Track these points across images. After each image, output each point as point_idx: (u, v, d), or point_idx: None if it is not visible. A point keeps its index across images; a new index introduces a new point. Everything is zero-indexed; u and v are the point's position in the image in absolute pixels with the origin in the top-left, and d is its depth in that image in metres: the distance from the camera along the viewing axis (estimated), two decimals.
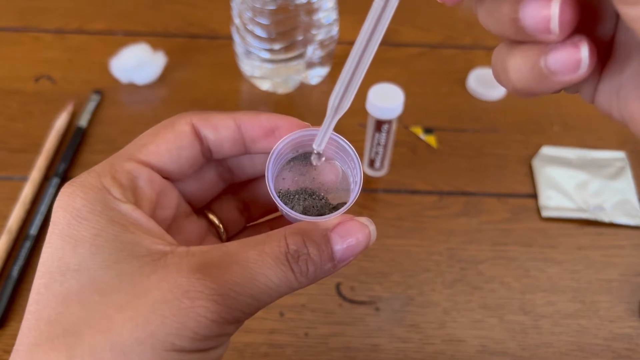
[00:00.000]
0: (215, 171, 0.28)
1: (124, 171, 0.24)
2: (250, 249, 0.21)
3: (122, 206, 0.22)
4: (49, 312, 0.21)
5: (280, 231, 0.22)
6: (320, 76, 0.61)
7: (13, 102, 0.58)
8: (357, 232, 0.23)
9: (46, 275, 0.21)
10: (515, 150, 0.55)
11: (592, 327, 0.44)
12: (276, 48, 0.55)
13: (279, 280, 0.21)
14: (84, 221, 0.22)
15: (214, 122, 0.25)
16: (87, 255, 0.21)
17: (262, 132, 0.26)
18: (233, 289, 0.20)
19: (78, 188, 0.22)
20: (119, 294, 0.20)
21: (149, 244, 0.22)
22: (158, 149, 0.25)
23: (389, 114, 0.46)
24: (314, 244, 0.22)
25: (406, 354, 0.42)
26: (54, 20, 0.67)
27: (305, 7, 0.53)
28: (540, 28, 0.18)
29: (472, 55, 0.65)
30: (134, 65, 0.58)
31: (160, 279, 0.20)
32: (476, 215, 0.50)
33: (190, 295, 0.20)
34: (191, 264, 0.21)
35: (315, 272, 0.22)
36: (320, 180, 0.26)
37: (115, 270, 0.21)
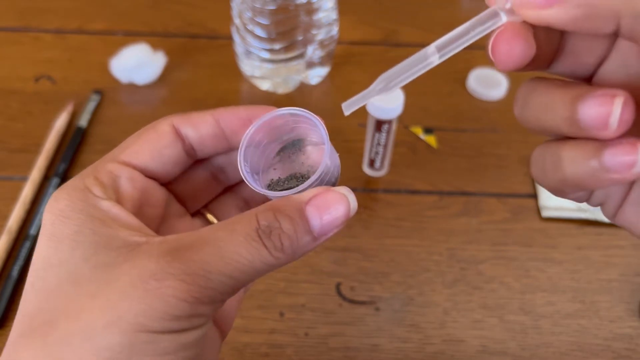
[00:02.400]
0: (207, 172, 0.29)
1: (105, 171, 0.25)
2: (221, 230, 0.22)
3: (102, 203, 0.23)
4: (31, 307, 0.22)
5: (252, 211, 0.22)
6: (320, 76, 0.61)
7: (13, 102, 0.58)
8: (335, 203, 0.22)
9: (32, 274, 0.23)
10: (515, 150, 0.55)
11: (592, 327, 0.44)
12: (276, 48, 0.55)
13: (251, 256, 0.21)
14: (66, 219, 0.22)
15: (194, 120, 0.26)
16: (67, 251, 0.22)
17: (240, 124, 0.27)
18: (203, 267, 0.20)
19: (63, 191, 0.23)
20: (92, 283, 0.21)
21: (126, 236, 0.22)
22: (139, 149, 0.26)
23: (389, 114, 0.46)
24: (286, 218, 0.22)
25: (406, 354, 0.42)
26: (54, 20, 0.67)
27: (305, 7, 0.53)
28: (598, 125, 0.18)
29: (472, 55, 0.65)
30: (134, 65, 0.58)
31: (130, 266, 0.21)
32: (476, 215, 0.50)
33: (157, 277, 0.20)
34: (163, 249, 0.21)
35: (292, 247, 0.22)
36: (309, 164, 0.27)
37: (91, 262, 0.22)
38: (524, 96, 0.23)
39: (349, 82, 0.61)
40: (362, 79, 0.61)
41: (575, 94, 0.19)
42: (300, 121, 0.26)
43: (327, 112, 0.59)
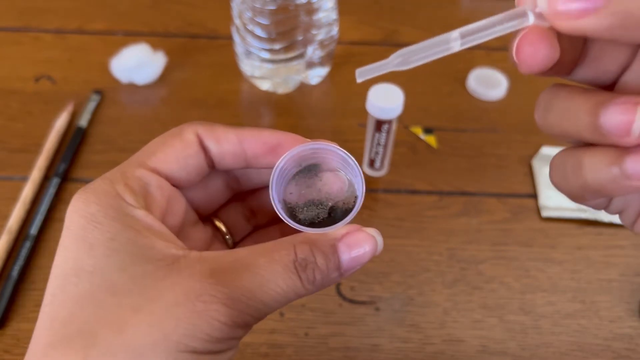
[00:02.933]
0: (222, 180, 0.29)
1: (135, 178, 0.24)
2: (260, 256, 0.22)
3: (135, 211, 0.23)
4: (63, 312, 0.21)
5: (289, 239, 0.23)
6: (320, 76, 0.61)
7: (13, 102, 0.58)
8: (364, 243, 0.24)
9: (60, 277, 0.22)
10: (515, 150, 0.55)
11: (592, 327, 0.44)
12: (276, 48, 0.55)
13: (287, 287, 0.22)
14: (99, 225, 0.22)
15: (218, 134, 0.26)
16: (101, 258, 0.22)
17: (264, 149, 0.26)
18: (244, 294, 0.21)
19: (92, 194, 0.23)
20: (132, 295, 0.21)
21: (162, 248, 0.22)
22: (166, 157, 0.25)
23: (389, 114, 0.46)
24: (321, 253, 0.23)
25: (406, 354, 0.42)
26: (54, 20, 0.67)
27: (305, 7, 0.53)
28: (621, 132, 0.18)
29: (472, 55, 0.65)
30: (134, 65, 0.58)
31: (173, 283, 0.21)
32: (476, 215, 0.50)
33: (203, 299, 0.21)
34: (204, 268, 0.22)
35: (322, 280, 0.23)
36: (326, 191, 0.27)
37: (129, 273, 0.21)
38: (546, 102, 0.23)
39: (349, 82, 0.61)
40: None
41: (598, 101, 0.19)
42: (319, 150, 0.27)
43: (327, 112, 0.59)
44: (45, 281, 0.47)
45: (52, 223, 0.48)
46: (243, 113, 0.59)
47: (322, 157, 0.27)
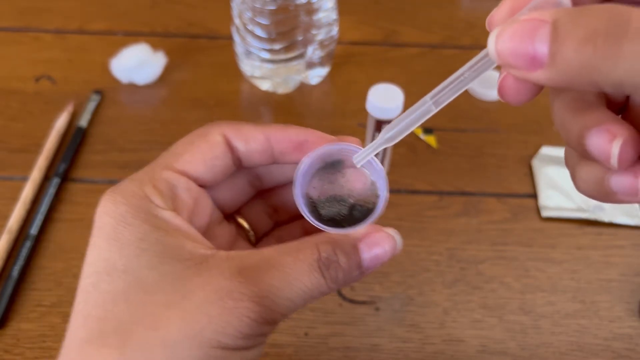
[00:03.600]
0: (245, 178, 0.30)
1: (163, 180, 0.25)
2: (285, 255, 0.23)
3: (164, 213, 0.24)
4: (97, 310, 0.22)
5: (312, 239, 0.24)
6: (320, 76, 0.61)
7: (13, 102, 0.58)
8: (384, 243, 0.24)
9: (93, 275, 0.23)
10: (515, 150, 0.55)
11: (592, 327, 0.44)
12: (276, 48, 0.55)
13: (312, 284, 0.23)
14: (129, 226, 0.23)
15: (245, 133, 0.27)
16: (132, 257, 0.22)
17: (291, 146, 0.27)
18: (272, 291, 0.22)
19: (120, 195, 0.24)
20: (164, 293, 0.22)
21: (191, 248, 0.23)
22: (193, 158, 0.26)
23: (389, 114, 0.46)
24: (343, 253, 0.24)
25: (406, 353, 0.42)
26: (54, 20, 0.67)
27: (305, 7, 0.53)
28: (603, 158, 0.19)
29: (472, 55, 0.64)
30: (134, 65, 0.58)
31: (204, 281, 0.22)
32: (476, 215, 0.50)
33: (233, 297, 0.21)
34: (232, 267, 0.22)
35: (344, 279, 0.24)
36: (348, 187, 0.27)
37: (159, 271, 0.22)
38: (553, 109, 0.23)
39: (349, 82, 0.61)
40: (362, 79, 0.61)
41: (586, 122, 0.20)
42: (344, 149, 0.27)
43: (327, 112, 0.59)
44: (45, 281, 0.48)
45: (52, 223, 0.48)
46: (243, 113, 0.59)
47: (346, 154, 0.28)
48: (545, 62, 0.18)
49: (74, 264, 0.46)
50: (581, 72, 0.18)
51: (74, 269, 0.45)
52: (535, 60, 0.18)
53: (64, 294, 0.44)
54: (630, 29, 0.17)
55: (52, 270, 0.45)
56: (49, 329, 0.42)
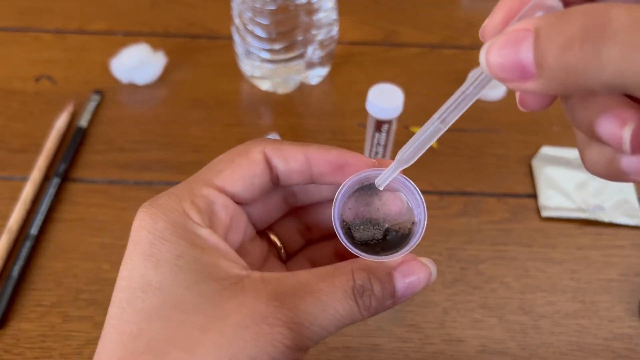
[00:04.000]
0: (281, 196, 0.30)
1: (202, 196, 0.25)
2: (321, 280, 0.23)
3: (201, 230, 0.24)
4: (131, 327, 0.22)
5: (347, 265, 0.24)
6: (320, 76, 0.61)
7: (13, 102, 0.58)
8: (419, 272, 0.24)
9: (127, 290, 0.23)
10: (515, 150, 0.55)
11: (592, 327, 0.44)
12: (276, 48, 0.55)
13: (346, 312, 0.23)
14: (167, 242, 0.23)
15: (285, 153, 0.27)
16: (168, 275, 0.22)
17: (331, 168, 0.27)
18: (307, 318, 0.22)
19: (159, 210, 0.24)
20: (200, 314, 0.22)
21: (227, 267, 0.23)
22: (233, 176, 0.26)
23: (389, 114, 0.46)
24: (378, 281, 0.23)
25: (406, 353, 0.42)
26: (54, 20, 0.67)
27: (305, 7, 0.53)
28: (614, 143, 0.19)
29: (472, 55, 0.65)
30: (134, 65, 0.58)
31: (239, 304, 0.22)
32: (476, 215, 0.50)
33: (269, 322, 0.21)
34: (268, 290, 0.22)
35: (377, 307, 0.24)
36: (384, 211, 0.27)
37: (195, 291, 0.22)
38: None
39: (349, 82, 0.61)
40: (362, 79, 0.61)
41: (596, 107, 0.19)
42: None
43: (327, 112, 0.59)
44: (45, 281, 0.47)
45: (52, 223, 0.48)
46: (243, 113, 0.59)
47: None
48: (533, 73, 0.18)
49: (74, 264, 0.46)
50: (568, 79, 0.17)
51: (74, 269, 0.45)
52: (524, 72, 0.18)
53: (64, 294, 0.44)
54: (608, 30, 0.16)
55: (52, 270, 0.45)
56: (48, 329, 0.42)
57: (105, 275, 0.45)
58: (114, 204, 0.50)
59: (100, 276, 0.45)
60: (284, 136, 0.55)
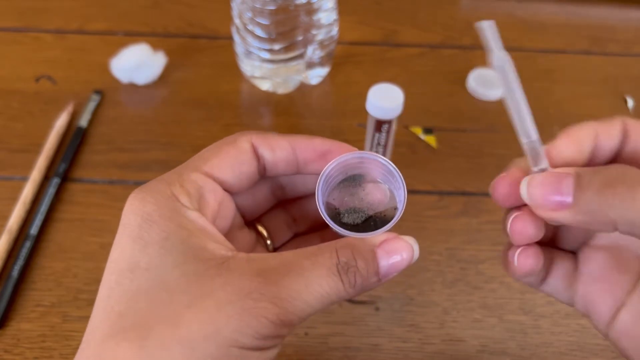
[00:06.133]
0: (269, 187, 0.31)
1: (191, 181, 0.26)
2: (304, 258, 0.23)
3: (189, 213, 0.24)
4: (119, 306, 0.22)
5: (332, 244, 0.24)
6: (320, 76, 0.61)
7: (13, 102, 0.58)
8: (402, 250, 0.25)
9: (116, 272, 0.23)
10: (515, 150, 0.55)
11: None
12: (276, 48, 0.55)
13: (330, 288, 0.23)
14: (154, 224, 0.23)
15: (272, 143, 0.28)
16: (156, 256, 0.23)
17: (315, 155, 0.28)
18: (290, 293, 0.22)
19: (148, 194, 0.24)
20: (185, 293, 0.22)
21: (213, 249, 0.24)
22: (221, 163, 0.27)
23: (389, 114, 0.46)
24: (362, 258, 0.24)
25: (406, 353, 0.42)
26: (54, 20, 0.67)
27: (305, 8, 0.53)
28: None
29: (472, 55, 0.65)
30: (135, 65, 0.58)
31: (224, 282, 0.22)
32: (476, 215, 0.50)
33: (253, 297, 0.22)
34: (252, 268, 0.23)
35: (362, 284, 0.24)
36: (368, 200, 0.28)
37: (182, 271, 0.23)
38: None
39: (349, 82, 0.61)
40: (362, 79, 0.61)
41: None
42: (366, 160, 0.28)
43: (327, 112, 0.59)
44: (45, 281, 0.48)
45: (52, 223, 0.48)
46: (243, 113, 0.59)
47: (367, 168, 0.28)
48: (569, 205, 0.23)
49: (73, 264, 0.46)
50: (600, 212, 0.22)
51: (74, 269, 0.45)
52: (561, 204, 0.24)
53: (64, 294, 0.44)
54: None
55: (52, 270, 0.45)
56: (48, 329, 0.42)
57: None
58: (114, 204, 0.50)
59: (100, 276, 0.44)
60: None
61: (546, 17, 0.71)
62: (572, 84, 0.62)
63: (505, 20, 0.70)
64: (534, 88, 0.60)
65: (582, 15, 0.71)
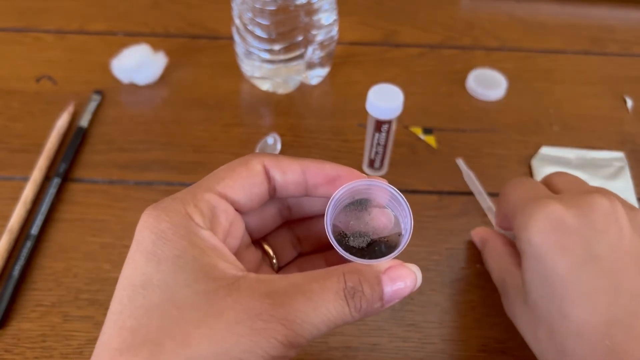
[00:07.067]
0: (276, 207, 0.31)
1: (204, 200, 0.26)
2: (313, 281, 0.24)
3: (202, 232, 0.25)
4: (131, 321, 0.23)
5: (339, 268, 0.25)
6: (320, 76, 0.61)
7: (14, 103, 0.58)
8: (406, 277, 0.25)
9: (129, 288, 0.24)
10: (514, 151, 0.55)
11: None
12: (276, 48, 0.55)
13: (337, 312, 0.24)
14: (168, 242, 0.24)
15: (283, 165, 0.28)
16: (168, 273, 0.23)
17: (325, 180, 0.29)
18: (299, 315, 0.23)
19: (163, 212, 0.25)
20: (196, 311, 0.23)
21: (224, 268, 0.24)
22: (234, 184, 0.27)
23: (389, 114, 0.46)
24: (368, 283, 0.24)
25: (406, 353, 0.42)
26: (54, 20, 0.67)
27: (305, 8, 0.53)
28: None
29: (472, 55, 0.65)
30: (135, 65, 0.59)
31: (234, 301, 0.23)
32: (476, 216, 0.50)
33: (263, 318, 0.22)
34: (262, 289, 0.23)
35: (367, 309, 0.25)
36: (373, 225, 0.29)
37: (193, 289, 0.23)
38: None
39: (349, 83, 0.61)
40: (362, 79, 0.61)
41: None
42: (373, 187, 0.29)
43: (327, 112, 0.59)
44: (45, 281, 0.48)
45: (52, 223, 0.48)
46: (243, 113, 0.59)
47: (374, 193, 0.29)
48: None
49: (74, 264, 0.46)
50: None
51: (75, 269, 0.45)
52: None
53: (64, 293, 0.44)
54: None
55: (53, 270, 0.45)
56: (49, 329, 0.42)
57: (106, 275, 0.45)
58: (115, 204, 0.50)
59: (100, 276, 0.45)
60: (284, 136, 0.55)
61: (546, 17, 0.71)
62: (571, 84, 0.62)
63: (505, 20, 0.70)
64: (533, 88, 0.60)
65: (582, 15, 0.72)
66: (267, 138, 0.55)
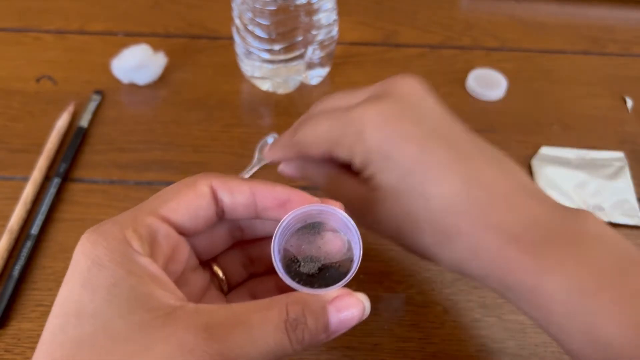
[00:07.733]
0: (226, 229, 0.30)
1: (145, 225, 0.25)
2: (254, 312, 0.23)
3: (140, 259, 0.24)
4: (61, 352, 0.22)
5: (282, 298, 0.24)
6: (321, 76, 0.61)
7: (14, 103, 0.58)
8: (353, 307, 0.25)
9: (61, 317, 0.23)
10: (514, 151, 0.55)
11: None
12: (276, 49, 0.55)
13: (276, 345, 0.23)
14: (104, 269, 0.23)
15: (231, 186, 0.27)
16: (103, 303, 0.22)
17: (275, 203, 0.27)
18: (234, 350, 0.22)
19: (101, 236, 0.24)
20: (129, 343, 0.22)
21: (161, 297, 0.23)
22: (178, 207, 0.26)
23: None
24: (312, 315, 0.24)
25: (406, 353, 0.42)
26: (54, 20, 0.67)
27: (306, 8, 0.53)
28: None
29: (472, 55, 0.65)
30: (135, 65, 0.59)
31: (169, 334, 0.22)
32: None
33: (195, 354, 0.21)
34: (199, 322, 0.22)
35: (310, 341, 0.24)
36: (325, 249, 0.28)
37: (127, 320, 0.22)
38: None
39: (349, 83, 0.61)
40: (362, 79, 0.61)
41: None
42: (324, 213, 0.28)
43: None
44: (45, 281, 0.48)
45: (52, 223, 0.48)
46: (243, 113, 0.59)
47: (326, 217, 0.28)
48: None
49: None
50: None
51: None
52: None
53: None
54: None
55: (53, 270, 0.45)
56: None
57: None
58: (115, 204, 0.50)
59: None
60: None
61: (546, 17, 0.71)
62: (571, 84, 0.62)
63: (504, 20, 0.70)
64: (533, 88, 0.60)
65: (581, 16, 0.72)
66: (267, 138, 0.55)
